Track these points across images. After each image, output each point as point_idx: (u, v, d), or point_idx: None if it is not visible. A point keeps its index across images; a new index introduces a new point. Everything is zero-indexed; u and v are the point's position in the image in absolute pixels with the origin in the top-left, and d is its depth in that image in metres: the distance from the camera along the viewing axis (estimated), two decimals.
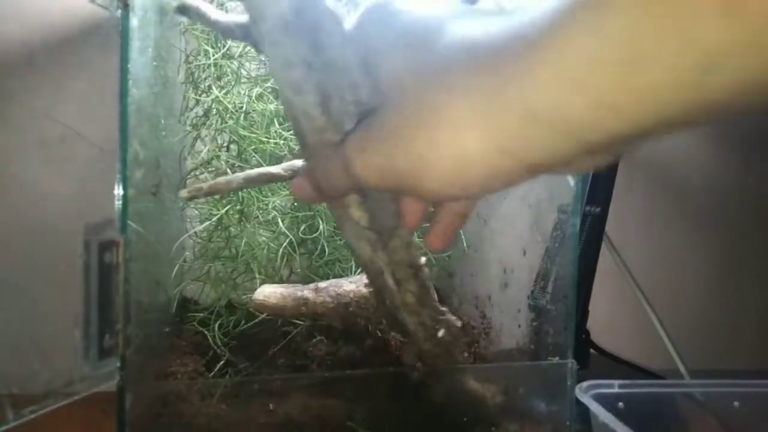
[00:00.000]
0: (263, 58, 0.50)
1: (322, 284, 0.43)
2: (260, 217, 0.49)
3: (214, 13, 0.34)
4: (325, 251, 0.49)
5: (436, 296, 0.36)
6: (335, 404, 0.40)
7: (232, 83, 0.49)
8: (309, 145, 0.28)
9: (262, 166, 0.49)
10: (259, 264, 0.49)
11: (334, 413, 0.40)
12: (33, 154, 0.64)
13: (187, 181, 0.51)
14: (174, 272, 0.48)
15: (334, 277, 0.50)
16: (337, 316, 0.42)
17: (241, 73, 0.49)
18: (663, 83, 0.19)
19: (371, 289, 0.42)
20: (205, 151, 0.48)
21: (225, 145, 0.49)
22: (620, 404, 0.45)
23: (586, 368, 0.53)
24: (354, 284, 0.43)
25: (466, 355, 0.47)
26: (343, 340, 0.47)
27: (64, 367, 0.59)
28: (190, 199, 0.39)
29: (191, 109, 0.49)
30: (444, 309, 0.36)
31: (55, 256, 0.61)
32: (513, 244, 0.53)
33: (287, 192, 0.49)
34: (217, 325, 0.47)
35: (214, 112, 0.48)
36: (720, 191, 0.79)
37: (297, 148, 0.51)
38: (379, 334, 0.45)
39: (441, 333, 0.36)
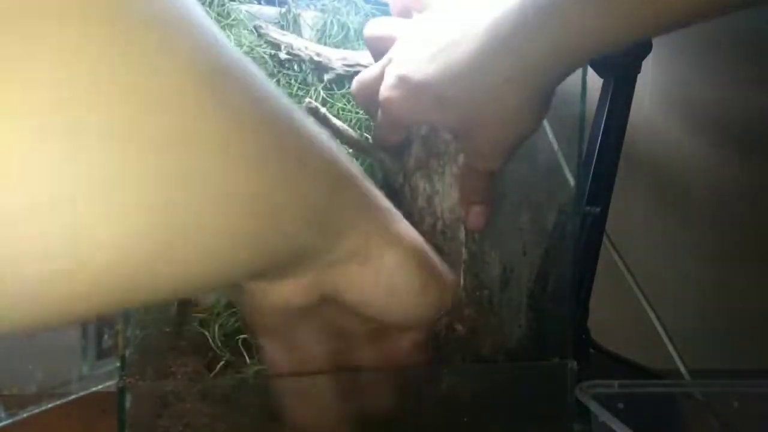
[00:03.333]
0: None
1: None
2: None
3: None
4: None
5: None
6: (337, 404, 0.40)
7: None
8: None
9: None
10: None
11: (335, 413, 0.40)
12: None
13: None
14: None
15: None
16: None
17: None
18: None
19: None
20: None
21: None
22: (620, 404, 0.45)
23: (586, 368, 0.53)
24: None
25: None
26: None
27: (61, 368, 0.59)
28: (312, 112, 0.41)
29: None
30: None
31: None
32: (513, 244, 0.53)
33: None
34: (217, 326, 0.47)
35: None
36: (720, 191, 0.79)
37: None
38: None
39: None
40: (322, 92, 0.49)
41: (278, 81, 0.50)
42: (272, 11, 0.53)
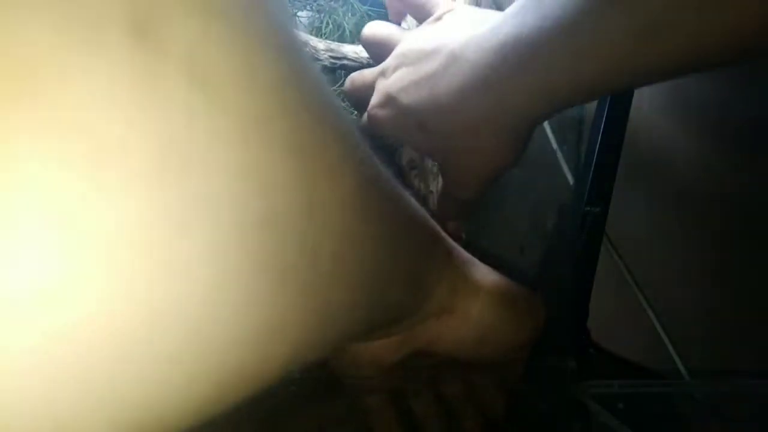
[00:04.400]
0: None
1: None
2: None
3: None
4: None
5: None
6: (339, 404, 0.40)
7: None
8: None
9: None
10: None
11: (338, 413, 0.40)
12: None
13: None
14: None
15: None
16: None
17: None
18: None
19: None
20: None
21: None
22: (620, 404, 0.45)
23: (586, 368, 0.53)
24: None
25: None
26: None
27: None
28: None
29: None
30: None
31: None
32: (512, 244, 0.53)
33: None
34: None
35: None
36: (721, 191, 0.79)
37: None
38: None
39: None
40: None
41: None
42: None
